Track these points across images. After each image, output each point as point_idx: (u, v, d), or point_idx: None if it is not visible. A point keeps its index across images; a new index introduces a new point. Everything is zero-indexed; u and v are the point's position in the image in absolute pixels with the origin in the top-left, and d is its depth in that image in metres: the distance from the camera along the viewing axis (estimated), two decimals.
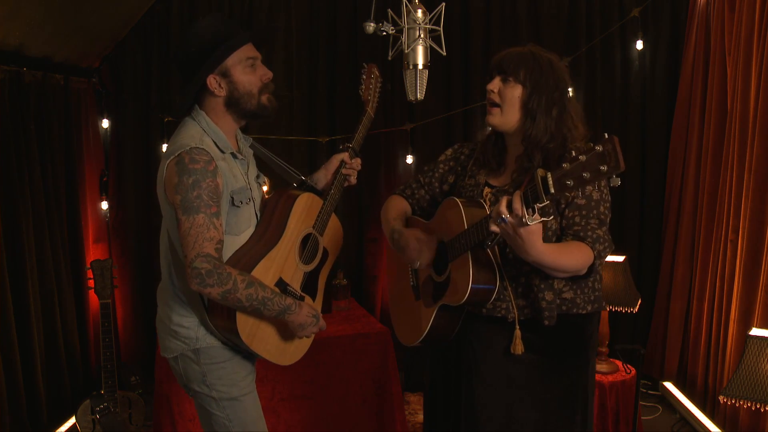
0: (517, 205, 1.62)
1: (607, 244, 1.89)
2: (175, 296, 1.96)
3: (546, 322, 1.91)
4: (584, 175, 1.50)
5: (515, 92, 1.92)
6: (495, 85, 1.95)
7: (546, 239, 1.83)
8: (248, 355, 2.03)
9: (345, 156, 2.17)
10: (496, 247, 1.93)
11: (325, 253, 2.17)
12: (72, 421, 3.32)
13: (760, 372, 2.49)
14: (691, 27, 3.81)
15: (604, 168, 1.47)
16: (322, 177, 2.22)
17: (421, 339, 2.06)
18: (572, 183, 1.52)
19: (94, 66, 3.80)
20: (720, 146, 3.48)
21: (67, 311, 3.45)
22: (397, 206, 2.27)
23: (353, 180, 2.20)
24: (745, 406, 2.51)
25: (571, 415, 2.00)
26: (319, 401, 3.10)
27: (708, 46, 3.63)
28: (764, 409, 2.46)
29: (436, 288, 2.04)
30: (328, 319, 3.41)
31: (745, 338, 2.63)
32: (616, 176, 1.48)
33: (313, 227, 2.10)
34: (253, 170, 2.09)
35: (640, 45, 3.94)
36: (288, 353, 2.09)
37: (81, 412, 3.05)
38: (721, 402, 2.77)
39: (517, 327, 1.93)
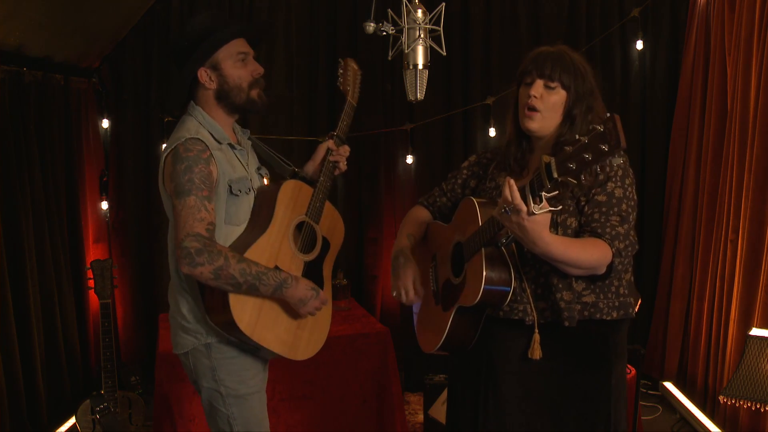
0: (522, 192, 1.57)
1: (628, 242, 1.82)
2: (183, 292, 1.97)
3: (566, 323, 1.84)
4: (586, 156, 1.45)
5: (559, 98, 1.87)
6: (538, 90, 1.87)
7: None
8: (259, 352, 2.01)
9: (330, 143, 2.17)
10: (513, 246, 1.88)
11: (326, 242, 2.15)
12: (72, 421, 3.32)
13: (760, 372, 2.49)
14: (691, 27, 3.81)
15: (605, 147, 1.43)
16: (310, 167, 2.23)
17: (440, 344, 2.00)
18: (575, 166, 1.47)
19: (94, 66, 3.80)
20: (720, 146, 3.48)
21: (67, 311, 3.45)
22: (415, 219, 2.23)
23: (343, 166, 2.19)
24: (745, 406, 2.51)
25: (591, 429, 1.92)
26: (319, 401, 3.10)
27: (708, 46, 3.63)
28: (764, 409, 2.46)
29: (454, 290, 1.99)
30: None
31: (745, 338, 2.63)
32: (618, 155, 1.43)
33: (306, 215, 2.08)
34: (254, 161, 2.11)
35: (640, 45, 3.94)
36: (300, 347, 2.03)
37: (81, 412, 3.05)
38: (721, 402, 2.77)
39: (536, 330, 1.86)
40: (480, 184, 2.12)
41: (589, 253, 1.77)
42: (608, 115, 1.44)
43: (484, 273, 1.82)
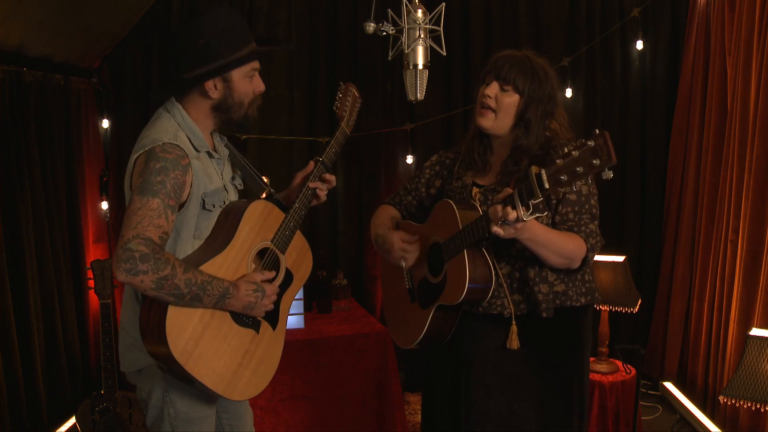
0: (511, 201, 1.68)
1: (598, 238, 1.95)
2: (139, 304, 1.81)
3: (544, 314, 1.94)
4: (578, 169, 1.55)
5: (512, 100, 1.95)
6: (493, 90, 1.95)
7: None
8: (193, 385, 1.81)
9: (309, 168, 2.02)
10: (490, 244, 1.96)
11: (289, 275, 1.95)
12: (72, 421, 3.31)
13: (760, 372, 2.49)
14: (691, 27, 3.81)
15: (596, 162, 1.52)
16: (287, 191, 2.08)
17: (418, 341, 2.07)
18: (566, 178, 1.57)
19: (94, 66, 3.80)
20: (720, 146, 3.48)
21: (67, 311, 3.44)
22: (384, 214, 2.30)
23: (323, 196, 2.02)
24: (745, 406, 2.51)
25: (568, 410, 2.03)
26: (319, 401, 3.10)
27: (708, 46, 3.63)
28: (764, 409, 2.46)
29: (433, 289, 2.05)
30: (328, 319, 3.41)
31: (745, 338, 2.63)
32: (609, 169, 1.53)
33: (272, 241, 1.89)
34: (228, 171, 1.97)
35: (640, 45, 3.94)
36: (238, 386, 1.81)
37: (81, 412, 3.05)
38: (721, 402, 2.77)
39: (513, 322, 1.96)
40: (446, 184, 2.18)
41: (566, 241, 1.89)
42: (597, 131, 1.53)
43: (468, 273, 1.90)
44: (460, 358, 2.06)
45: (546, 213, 1.92)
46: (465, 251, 1.91)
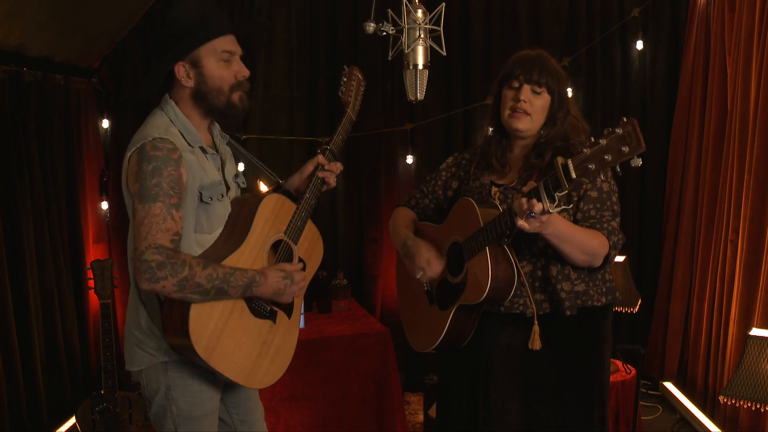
0: (536, 194, 1.67)
1: (620, 236, 1.94)
2: (141, 304, 1.85)
3: (568, 312, 1.93)
4: (606, 157, 1.54)
5: (545, 102, 1.99)
6: (527, 95, 1.97)
7: None
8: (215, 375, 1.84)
9: (320, 158, 2.02)
10: (511, 243, 1.95)
11: (302, 264, 1.99)
12: (72, 421, 3.31)
13: (760, 372, 2.49)
14: (691, 27, 3.81)
15: (625, 149, 1.51)
16: (296, 180, 2.07)
17: (437, 344, 2.04)
18: (594, 167, 1.55)
19: (94, 66, 3.80)
20: (720, 146, 3.48)
21: (67, 311, 3.44)
22: (405, 216, 2.29)
23: (332, 182, 2.04)
24: (745, 406, 2.51)
25: (589, 412, 2.01)
26: (319, 401, 3.10)
27: (708, 46, 3.63)
28: (764, 409, 2.46)
29: (452, 289, 2.03)
30: (328, 320, 3.41)
31: (745, 338, 2.63)
32: (638, 157, 1.51)
33: (285, 233, 1.92)
34: (232, 168, 1.97)
35: (640, 45, 3.94)
36: (258, 374, 1.87)
37: (81, 412, 3.05)
38: (721, 402, 2.77)
39: (536, 322, 1.94)
40: (463, 185, 2.18)
41: (590, 237, 1.88)
42: (625, 119, 1.53)
43: (490, 271, 1.88)
44: (480, 359, 2.04)
45: (571, 206, 1.92)
46: (487, 248, 1.89)
